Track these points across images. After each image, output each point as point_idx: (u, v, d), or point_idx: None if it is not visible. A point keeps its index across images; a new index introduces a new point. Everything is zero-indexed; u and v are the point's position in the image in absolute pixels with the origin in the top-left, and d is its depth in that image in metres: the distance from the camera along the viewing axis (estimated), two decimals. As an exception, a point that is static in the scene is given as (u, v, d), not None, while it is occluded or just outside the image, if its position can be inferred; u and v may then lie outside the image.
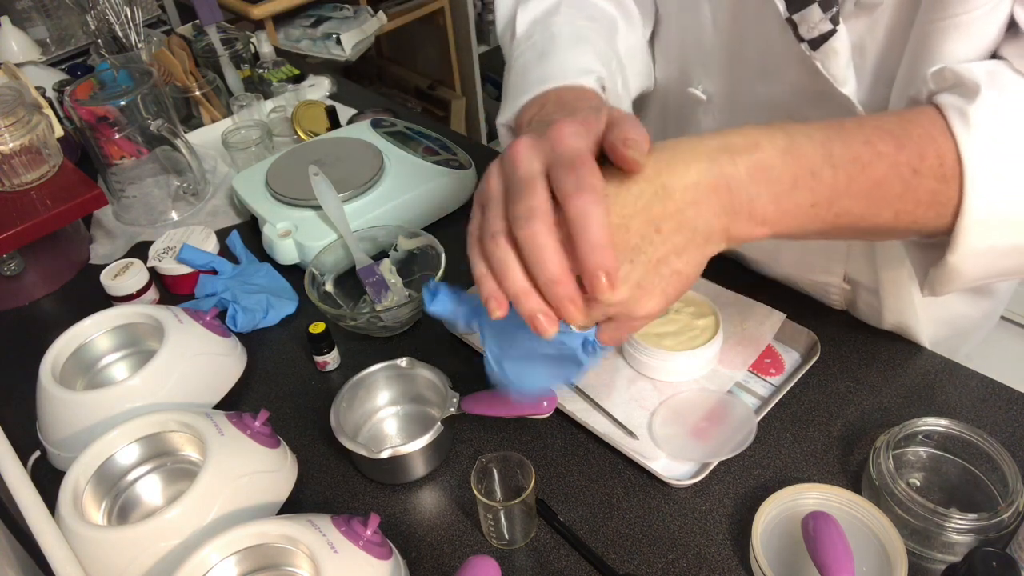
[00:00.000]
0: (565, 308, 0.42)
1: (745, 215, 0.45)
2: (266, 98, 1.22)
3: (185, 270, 0.90)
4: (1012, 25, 0.51)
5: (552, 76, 0.60)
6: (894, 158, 0.46)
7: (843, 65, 0.58)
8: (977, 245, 0.48)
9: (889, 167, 0.46)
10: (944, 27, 0.51)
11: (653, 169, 0.44)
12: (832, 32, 0.56)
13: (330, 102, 1.23)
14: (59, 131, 1.01)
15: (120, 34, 1.20)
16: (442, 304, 0.51)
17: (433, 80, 2.73)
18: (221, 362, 0.76)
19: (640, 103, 0.83)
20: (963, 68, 0.50)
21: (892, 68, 0.58)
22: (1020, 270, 0.52)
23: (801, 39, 0.58)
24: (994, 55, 0.52)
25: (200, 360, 0.74)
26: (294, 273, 0.92)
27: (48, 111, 0.99)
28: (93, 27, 1.24)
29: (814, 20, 0.56)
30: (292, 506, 0.66)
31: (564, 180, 0.41)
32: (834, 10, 0.55)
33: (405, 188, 0.96)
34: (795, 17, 0.57)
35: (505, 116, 0.63)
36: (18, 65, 1.25)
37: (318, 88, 1.27)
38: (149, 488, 0.68)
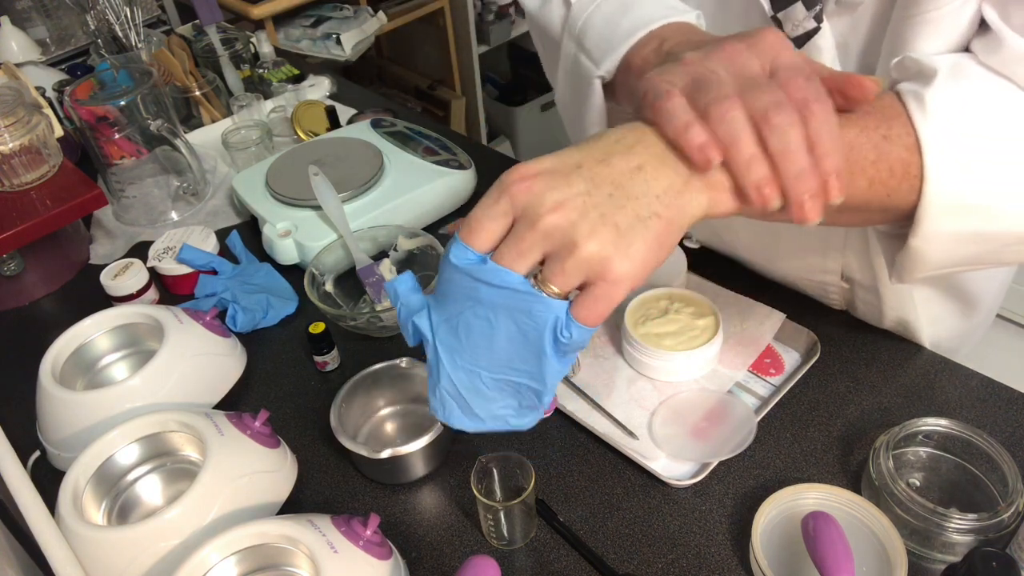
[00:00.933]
0: (806, 203, 0.40)
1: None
2: (266, 98, 1.22)
3: (185, 270, 0.90)
4: (983, 23, 0.51)
5: (655, 17, 0.57)
6: (863, 122, 0.47)
7: (828, 62, 0.59)
8: (938, 229, 0.48)
9: (860, 130, 0.46)
10: (916, 22, 0.52)
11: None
12: (816, 30, 0.57)
13: (330, 102, 1.23)
14: (59, 131, 1.01)
15: (120, 34, 1.20)
16: (405, 284, 0.46)
17: (433, 80, 2.73)
18: (221, 362, 0.76)
19: None
20: (923, 57, 0.50)
21: (874, 65, 0.59)
22: (986, 259, 0.52)
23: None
24: (966, 50, 0.53)
25: (200, 360, 0.74)
26: (294, 273, 0.92)
27: (48, 111, 0.99)
28: (93, 27, 1.24)
29: (798, 18, 0.57)
30: (292, 506, 0.66)
31: (802, 86, 0.41)
32: (817, 8, 0.56)
33: (405, 188, 0.96)
34: (780, 16, 0.58)
35: (606, 66, 0.59)
36: (18, 65, 1.25)
37: (318, 88, 1.27)
38: (149, 488, 0.68)
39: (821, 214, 0.41)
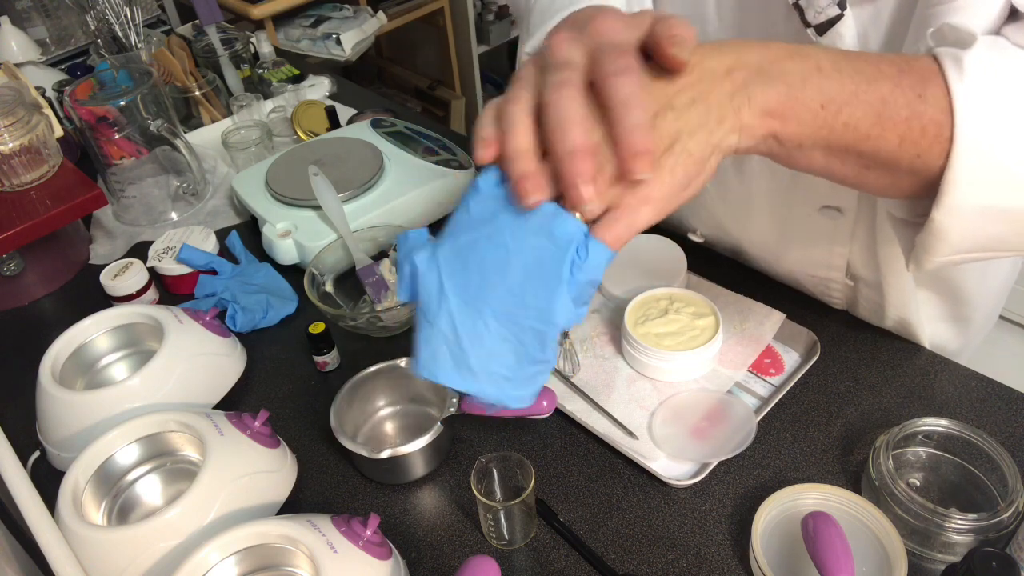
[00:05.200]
0: (578, 186, 0.38)
1: (759, 103, 0.43)
2: (266, 98, 1.22)
3: (185, 270, 0.90)
4: (1013, 12, 0.51)
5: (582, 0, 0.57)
6: (897, 80, 0.45)
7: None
8: (964, 201, 0.47)
9: (894, 86, 0.45)
10: (942, 11, 0.52)
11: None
12: (839, 17, 0.57)
13: (330, 102, 1.23)
14: (59, 131, 1.01)
15: (120, 34, 1.20)
16: (417, 240, 0.45)
17: (433, 80, 2.73)
18: (221, 362, 0.76)
19: None
20: (962, 24, 0.49)
21: None
22: (1010, 241, 0.50)
23: (808, 24, 0.58)
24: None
25: (200, 360, 0.74)
26: (294, 273, 0.92)
27: (48, 111, 0.99)
28: (93, 27, 1.24)
29: (821, 5, 0.57)
30: (292, 506, 0.66)
31: (605, 63, 0.39)
32: None
33: (405, 188, 0.96)
34: (802, 2, 0.58)
35: (531, 44, 0.61)
36: (18, 65, 1.25)
37: (318, 88, 1.27)
38: (149, 488, 0.68)
39: (597, 198, 0.39)
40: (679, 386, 0.73)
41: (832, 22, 0.57)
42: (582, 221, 0.40)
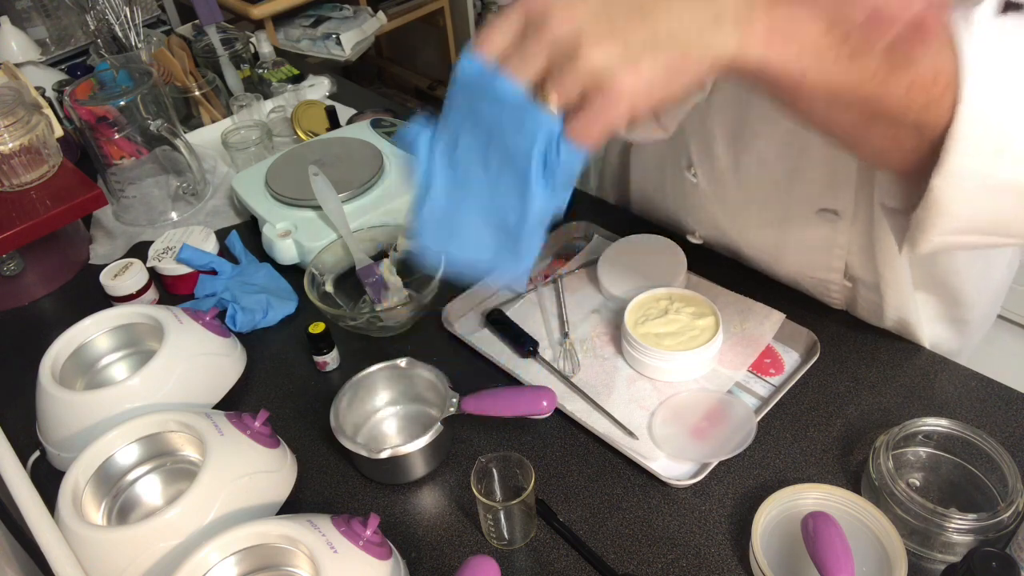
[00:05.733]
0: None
1: (761, 21, 0.40)
2: (266, 98, 1.22)
3: (185, 270, 0.90)
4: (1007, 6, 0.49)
5: None
6: (904, 21, 0.42)
7: None
8: (965, 165, 0.44)
9: (903, 26, 0.42)
10: None
11: None
12: None
13: (330, 102, 1.23)
14: (59, 131, 1.01)
15: (120, 34, 1.20)
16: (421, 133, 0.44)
17: (433, 80, 2.73)
18: (221, 362, 0.76)
19: None
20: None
21: None
22: (1010, 224, 0.48)
23: None
24: None
25: (200, 360, 0.74)
26: (294, 273, 0.92)
27: (48, 111, 0.99)
28: (93, 27, 1.24)
29: None
30: (292, 506, 0.66)
31: None
32: None
33: (405, 188, 0.96)
34: None
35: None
36: (18, 65, 1.25)
37: (318, 88, 1.27)
38: (149, 488, 0.68)
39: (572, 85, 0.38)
40: (679, 386, 0.73)
41: None
42: (555, 114, 0.39)
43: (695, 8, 0.40)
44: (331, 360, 0.80)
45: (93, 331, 0.77)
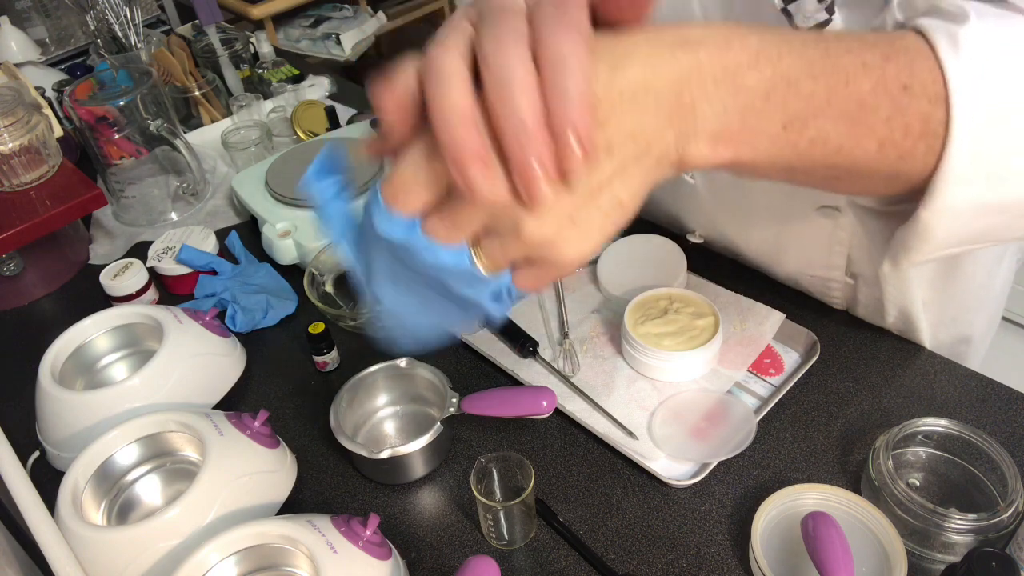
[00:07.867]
0: (532, 173, 0.31)
1: (706, 132, 0.36)
2: (266, 98, 1.22)
3: (184, 270, 0.90)
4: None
5: None
6: (881, 70, 0.39)
7: None
8: (956, 197, 0.41)
9: (876, 82, 0.38)
10: None
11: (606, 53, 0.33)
12: (827, 22, 0.56)
13: (330, 102, 1.23)
14: (59, 131, 1.01)
15: (120, 34, 1.20)
16: (326, 190, 0.39)
17: (433, 80, 2.73)
18: (220, 362, 0.76)
19: None
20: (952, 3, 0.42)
21: None
22: (999, 233, 0.45)
23: (797, 29, 0.58)
24: None
25: (199, 360, 0.74)
26: (294, 273, 0.92)
27: (48, 111, 0.99)
28: (93, 27, 1.24)
29: (809, 10, 0.56)
30: (292, 506, 0.66)
31: (545, 15, 0.31)
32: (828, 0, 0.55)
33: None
34: (790, 7, 0.57)
35: None
36: (17, 65, 1.25)
37: (318, 88, 1.27)
38: (148, 488, 0.68)
39: (553, 190, 0.32)
40: (679, 386, 0.73)
41: (821, 27, 0.56)
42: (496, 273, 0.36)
43: (640, 154, 0.35)
44: (331, 360, 0.80)
45: (93, 331, 0.77)
